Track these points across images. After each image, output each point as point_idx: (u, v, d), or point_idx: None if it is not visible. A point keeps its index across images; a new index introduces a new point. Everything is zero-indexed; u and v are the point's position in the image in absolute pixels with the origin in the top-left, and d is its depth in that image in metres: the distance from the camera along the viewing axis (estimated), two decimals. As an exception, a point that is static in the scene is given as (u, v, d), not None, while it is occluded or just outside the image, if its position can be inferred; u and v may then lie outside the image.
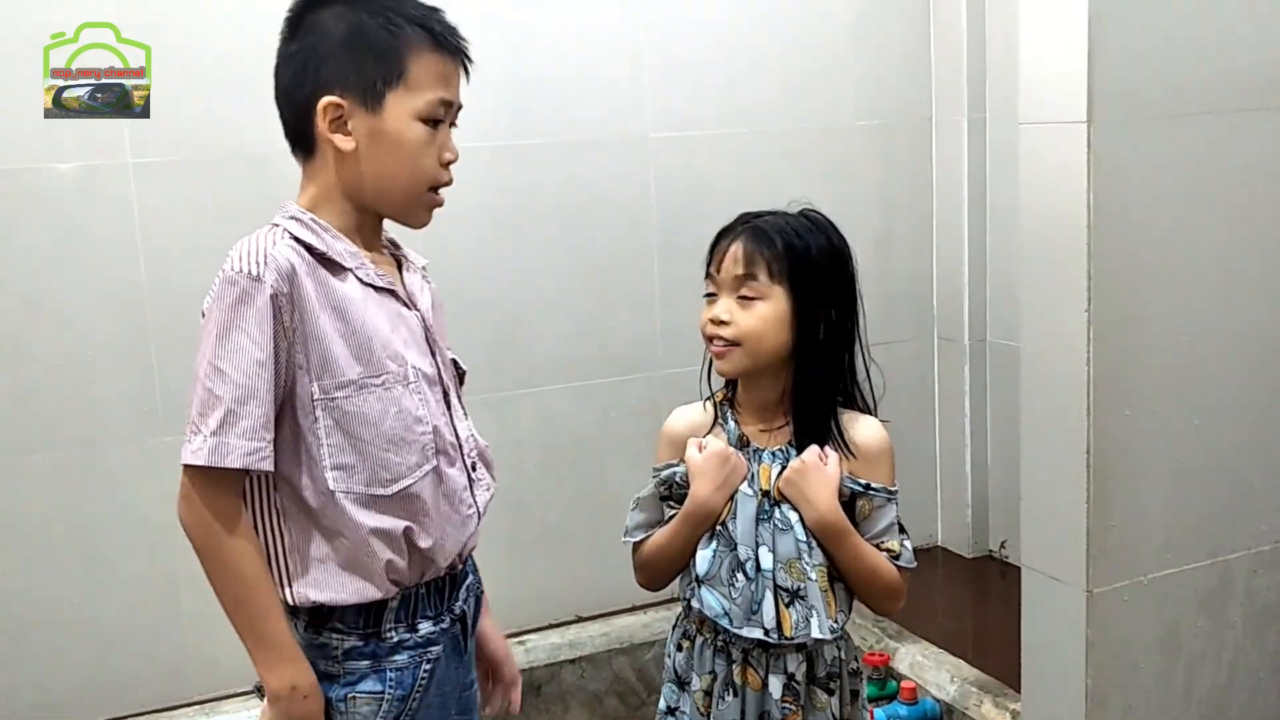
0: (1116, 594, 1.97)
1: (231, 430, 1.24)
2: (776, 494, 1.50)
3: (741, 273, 1.49)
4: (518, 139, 2.60)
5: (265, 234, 1.30)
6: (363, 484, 1.32)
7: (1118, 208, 1.87)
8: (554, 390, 2.71)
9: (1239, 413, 2.05)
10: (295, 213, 1.34)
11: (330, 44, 1.30)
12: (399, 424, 1.33)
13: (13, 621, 2.33)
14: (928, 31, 3.02)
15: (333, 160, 1.33)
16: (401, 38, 1.32)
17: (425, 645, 1.39)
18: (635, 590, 1.84)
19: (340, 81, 1.30)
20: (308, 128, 1.32)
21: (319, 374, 1.29)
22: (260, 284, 1.24)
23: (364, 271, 1.35)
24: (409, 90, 1.33)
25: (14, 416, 2.30)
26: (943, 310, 3.13)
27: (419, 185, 1.38)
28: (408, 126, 1.34)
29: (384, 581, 1.34)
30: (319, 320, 1.29)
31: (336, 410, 1.30)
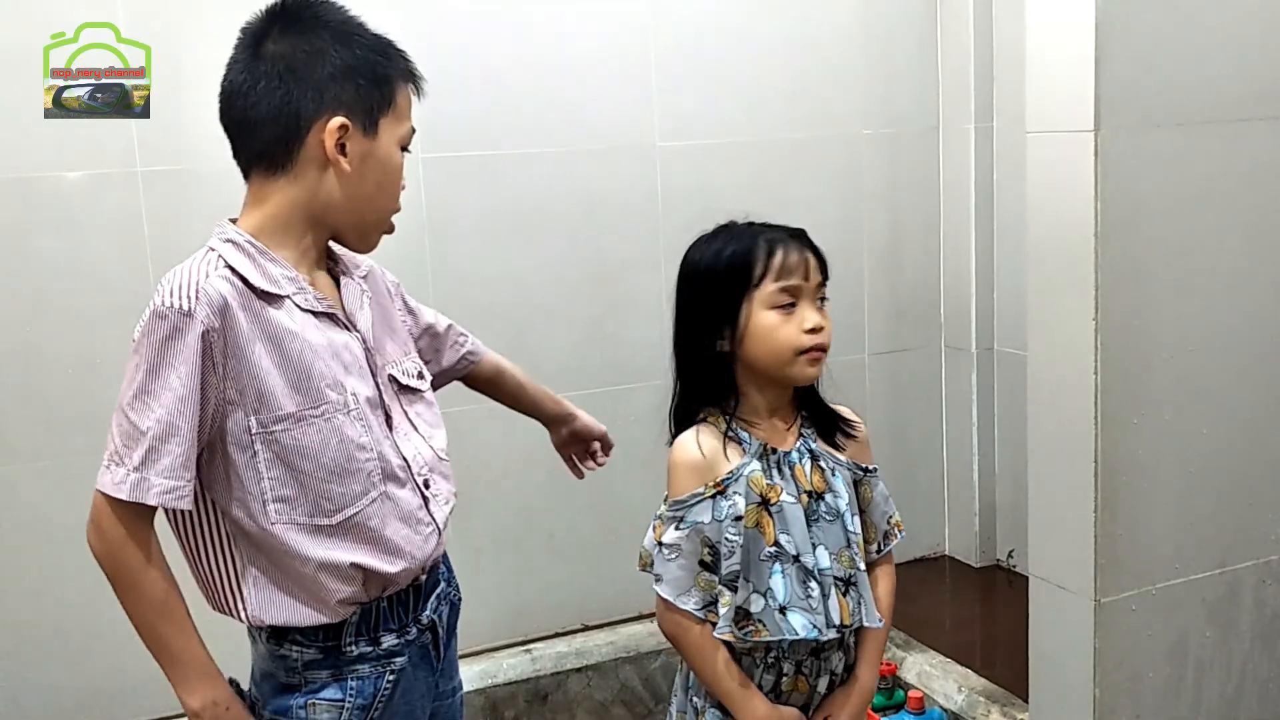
0: (1124, 603, 1.97)
1: (153, 467, 1.24)
2: (817, 487, 1.50)
3: (821, 278, 1.50)
4: (526, 147, 2.61)
5: (199, 264, 1.28)
6: (305, 515, 1.31)
7: (1125, 216, 1.87)
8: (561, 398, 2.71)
9: (1247, 421, 2.05)
10: (231, 235, 1.32)
11: (331, 65, 1.30)
12: (341, 454, 1.32)
13: (23, 626, 2.34)
14: (935, 40, 3.02)
15: (313, 180, 1.32)
16: (392, 68, 1.36)
17: (388, 657, 1.39)
18: (642, 599, 1.84)
19: (345, 104, 1.31)
20: (291, 143, 1.31)
21: (255, 408, 1.28)
22: (190, 319, 1.23)
23: (301, 297, 1.32)
24: (396, 118, 1.36)
25: (23, 423, 2.31)
26: (950, 319, 3.13)
27: (390, 210, 1.40)
28: (393, 153, 1.37)
29: (337, 608, 1.33)
30: (253, 353, 1.27)
31: (275, 444, 1.29)
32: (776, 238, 1.49)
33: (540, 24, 2.59)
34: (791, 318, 1.47)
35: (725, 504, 1.48)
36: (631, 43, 2.68)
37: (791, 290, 1.47)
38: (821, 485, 1.51)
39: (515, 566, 2.71)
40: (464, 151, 2.56)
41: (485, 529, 2.67)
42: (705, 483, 1.50)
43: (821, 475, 1.51)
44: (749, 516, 1.47)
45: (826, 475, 1.52)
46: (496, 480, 2.67)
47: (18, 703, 2.35)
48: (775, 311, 1.47)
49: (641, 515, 2.82)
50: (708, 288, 1.51)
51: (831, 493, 1.51)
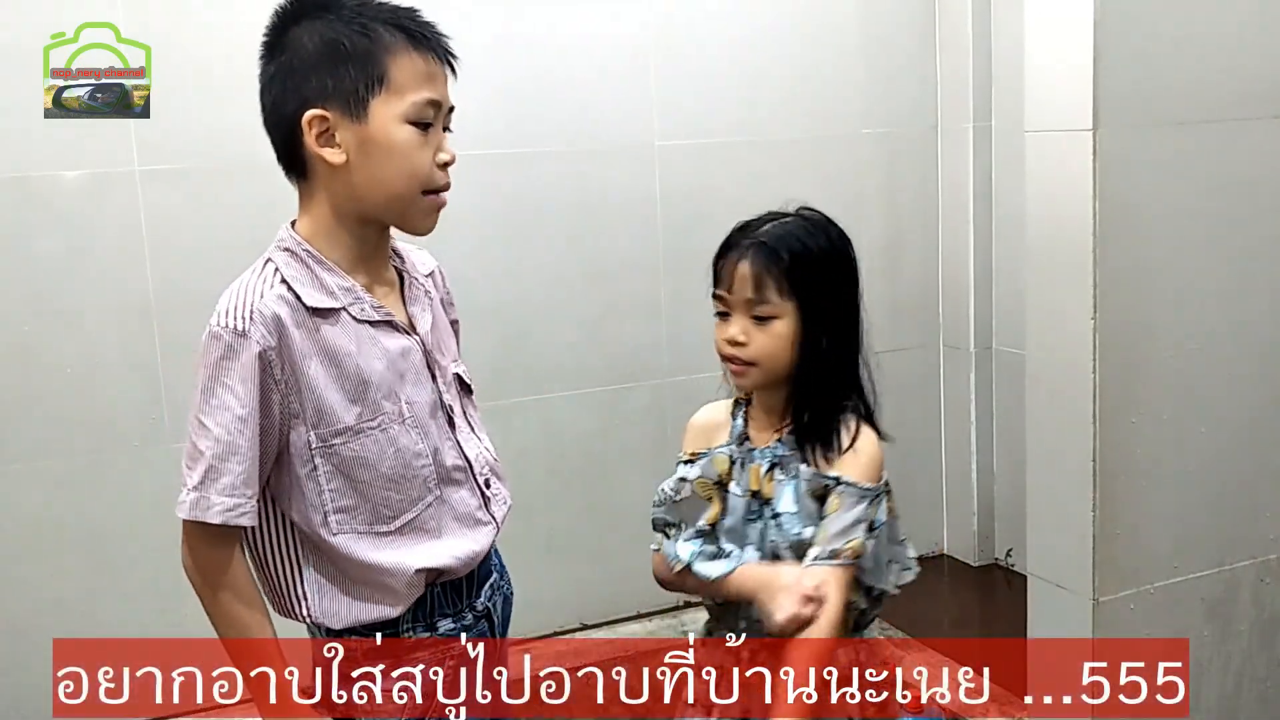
0: (1123, 603, 1.97)
1: (213, 486, 1.24)
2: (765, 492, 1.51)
3: (752, 295, 1.48)
4: (525, 146, 2.61)
5: (255, 281, 1.28)
6: (366, 524, 1.32)
7: (1123, 215, 1.87)
8: (559, 397, 2.72)
9: (1246, 420, 2.05)
10: (289, 243, 1.31)
11: (307, 58, 1.27)
12: (398, 462, 1.33)
13: (21, 625, 2.34)
14: (934, 40, 3.02)
15: (327, 177, 1.30)
16: (377, 41, 1.28)
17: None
18: (639, 598, 1.84)
19: (321, 94, 1.26)
20: (295, 147, 1.29)
21: (314, 423, 1.28)
22: (245, 339, 1.23)
23: (357, 307, 1.31)
24: (392, 94, 1.29)
25: (22, 423, 2.31)
26: (948, 318, 3.13)
27: (413, 189, 1.34)
28: (395, 130, 1.30)
29: (398, 604, 1.35)
30: (310, 369, 1.27)
31: (335, 456, 1.30)
32: (732, 242, 1.51)
33: (540, 24, 2.59)
34: (724, 325, 1.50)
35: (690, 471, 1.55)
36: (631, 43, 2.68)
37: (720, 299, 1.50)
38: (770, 491, 1.50)
39: (513, 566, 2.69)
40: (463, 151, 2.54)
41: (484, 528, 2.67)
42: (705, 445, 1.55)
43: (772, 481, 1.51)
44: (699, 488, 1.53)
45: (777, 484, 1.50)
46: (495, 480, 2.68)
47: (17, 703, 2.35)
48: (717, 317, 1.50)
49: (640, 515, 2.83)
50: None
51: (777, 499, 1.50)
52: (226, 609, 1.29)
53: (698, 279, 1.75)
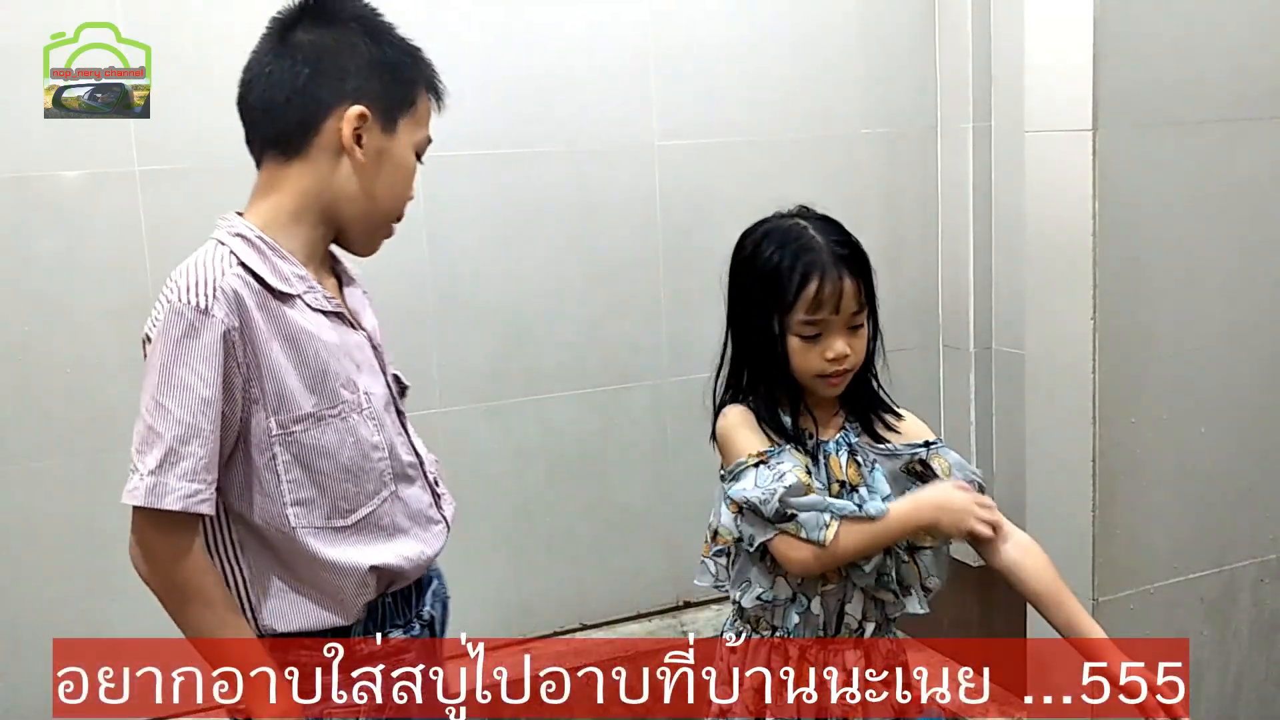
0: (1123, 603, 1.97)
1: (171, 471, 1.20)
2: (851, 480, 1.51)
3: (856, 308, 1.49)
4: (525, 146, 2.61)
5: (211, 259, 1.25)
6: (323, 517, 1.30)
7: (1123, 215, 1.87)
8: (559, 398, 2.71)
9: (1245, 421, 2.05)
10: (241, 229, 1.29)
11: (360, 56, 1.31)
12: (356, 453, 1.31)
13: (21, 625, 2.34)
14: (933, 39, 3.02)
15: (326, 169, 1.31)
16: (418, 70, 1.37)
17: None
18: (639, 598, 1.83)
19: (368, 96, 1.31)
20: (309, 128, 1.30)
21: (275, 408, 1.26)
22: (208, 318, 1.21)
23: (312, 296, 1.31)
24: (415, 121, 1.37)
25: (21, 423, 2.31)
26: (948, 318, 3.13)
27: (395, 212, 1.39)
28: (408, 155, 1.37)
29: (351, 609, 1.33)
30: (271, 353, 1.25)
31: (295, 444, 1.27)
32: (814, 263, 1.47)
33: (539, 24, 2.59)
34: (815, 345, 1.48)
35: (768, 473, 1.47)
36: (630, 43, 2.68)
37: (817, 323, 1.47)
38: (856, 478, 1.52)
39: (513, 566, 2.71)
40: (463, 151, 2.56)
41: (484, 529, 2.66)
42: (749, 451, 1.50)
43: (857, 469, 1.52)
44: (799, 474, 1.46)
45: (863, 470, 1.52)
46: (495, 480, 2.68)
47: (17, 703, 2.35)
48: (799, 339, 1.48)
49: (639, 514, 2.84)
50: (750, 292, 1.52)
51: (866, 487, 1.51)
52: (188, 606, 1.24)
53: (698, 279, 1.76)
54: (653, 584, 2.83)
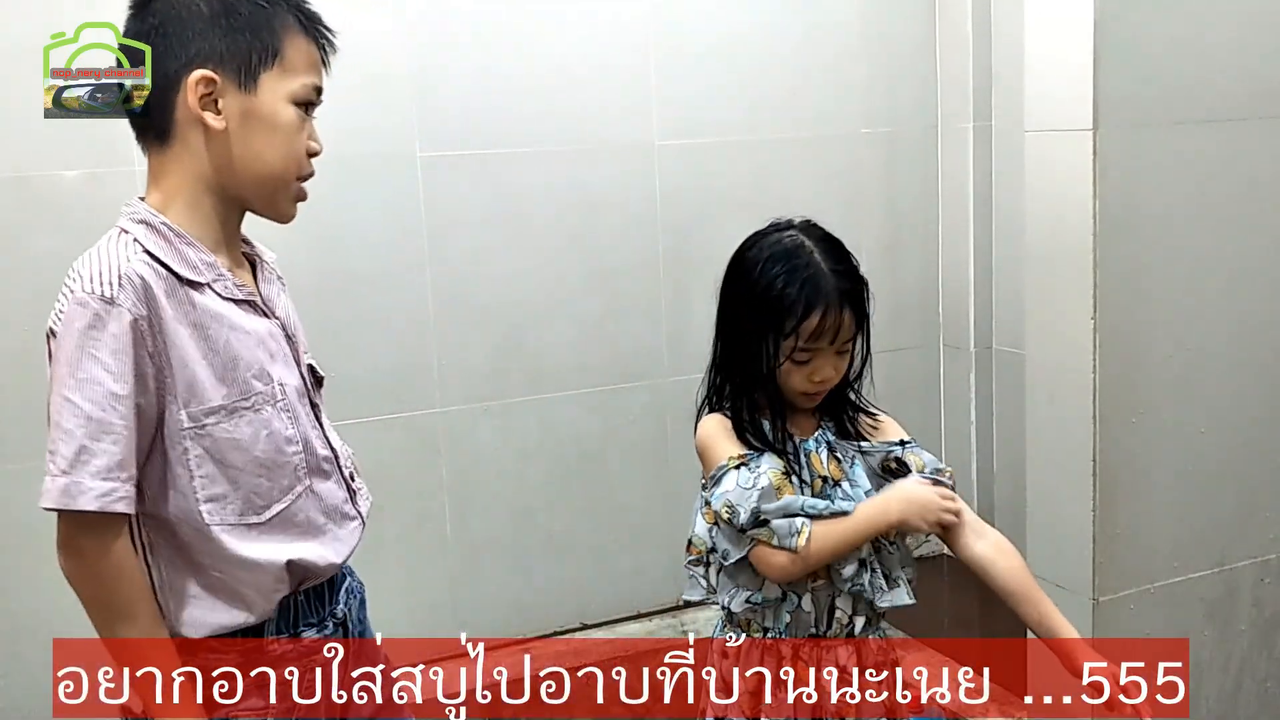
0: (1123, 602, 1.97)
1: (84, 469, 1.14)
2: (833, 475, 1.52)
3: (849, 337, 1.52)
4: (525, 146, 2.61)
5: (114, 247, 1.19)
6: (236, 514, 1.23)
7: (1123, 215, 1.87)
8: (559, 397, 2.71)
9: (1246, 420, 2.05)
10: (144, 215, 1.22)
11: (198, 17, 1.22)
12: (270, 446, 1.25)
13: (21, 625, 2.34)
14: (934, 39, 3.02)
15: (197, 144, 1.23)
16: (275, 16, 1.24)
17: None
18: (639, 598, 1.83)
19: (212, 56, 1.21)
20: (167, 107, 1.22)
21: (186, 401, 1.20)
22: (115, 307, 1.14)
23: (221, 284, 1.24)
24: (284, 71, 1.25)
25: (21, 422, 2.31)
26: (948, 317, 3.13)
27: (289, 171, 1.28)
28: (282, 108, 1.25)
29: (263, 607, 1.27)
30: (180, 342, 1.19)
31: (207, 438, 1.21)
32: (819, 295, 1.47)
33: (540, 23, 2.59)
34: (804, 367, 1.50)
35: (749, 475, 1.49)
36: (631, 42, 2.68)
37: (812, 350, 1.49)
38: (838, 474, 1.54)
39: (514, 566, 2.71)
40: (463, 151, 2.56)
41: (484, 528, 2.66)
42: (730, 454, 1.53)
43: (838, 464, 1.54)
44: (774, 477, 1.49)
45: (843, 465, 1.54)
46: (494, 480, 2.68)
47: (17, 703, 2.35)
48: (792, 362, 1.49)
49: (639, 514, 2.84)
50: (749, 306, 1.53)
51: (848, 481, 1.53)
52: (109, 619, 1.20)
53: (698, 279, 1.76)
54: (653, 584, 2.83)
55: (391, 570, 2.49)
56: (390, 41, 2.47)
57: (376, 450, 2.40)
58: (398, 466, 2.57)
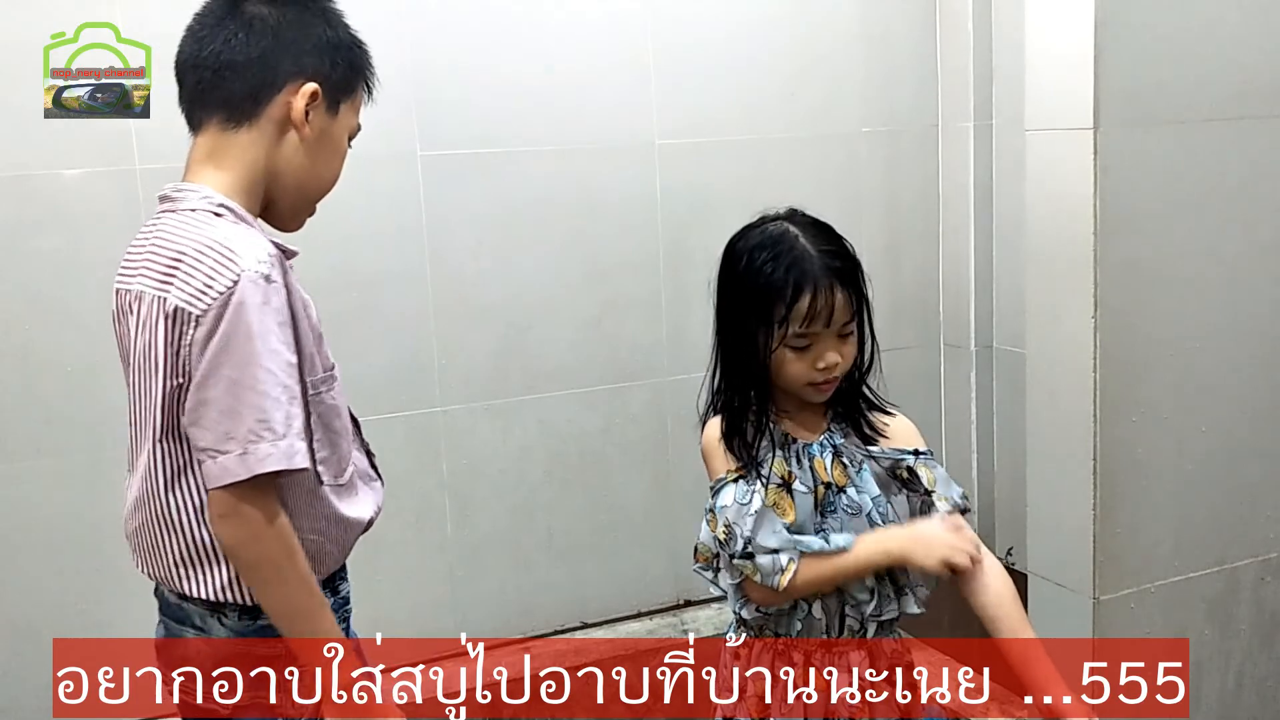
0: (1123, 601, 1.97)
1: (293, 431, 1.22)
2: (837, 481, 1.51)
3: (847, 319, 1.49)
4: (524, 145, 2.61)
5: (235, 229, 1.27)
6: (333, 475, 1.35)
7: (1124, 214, 1.87)
8: (559, 396, 2.71)
9: (1246, 419, 2.05)
10: (222, 199, 1.30)
11: (318, 35, 1.34)
12: (345, 415, 1.39)
13: (21, 625, 2.34)
14: (934, 38, 3.02)
15: (271, 140, 1.33)
16: (363, 61, 1.40)
17: (345, 603, 1.43)
18: (639, 597, 1.82)
19: (321, 74, 1.34)
20: (262, 98, 1.32)
21: (309, 369, 1.31)
22: (273, 284, 1.24)
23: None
24: (353, 108, 1.40)
25: (23, 421, 2.31)
26: (949, 316, 3.13)
27: (324, 192, 1.42)
28: (344, 138, 1.40)
29: (341, 556, 1.39)
30: (299, 316, 1.30)
31: (320, 404, 1.33)
32: (806, 278, 1.46)
33: (539, 22, 2.59)
34: (806, 354, 1.48)
35: (746, 489, 1.48)
36: (630, 41, 2.67)
37: (809, 335, 1.47)
38: (843, 479, 1.52)
39: (514, 565, 2.71)
40: (462, 150, 2.56)
41: (484, 527, 2.66)
42: (728, 467, 1.52)
43: (843, 470, 1.52)
44: (769, 495, 1.49)
45: (849, 470, 1.52)
46: (495, 478, 2.67)
47: (17, 702, 2.35)
48: (790, 350, 1.48)
49: (639, 514, 2.83)
50: (739, 299, 1.52)
51: (854, 487, 1.51)
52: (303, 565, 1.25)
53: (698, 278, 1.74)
54: (653, 583, 2.83)
55: (391, 570, 2.49)
56: (390, 41, 2.46)
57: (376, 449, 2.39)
58: (397, 465, 2.56)
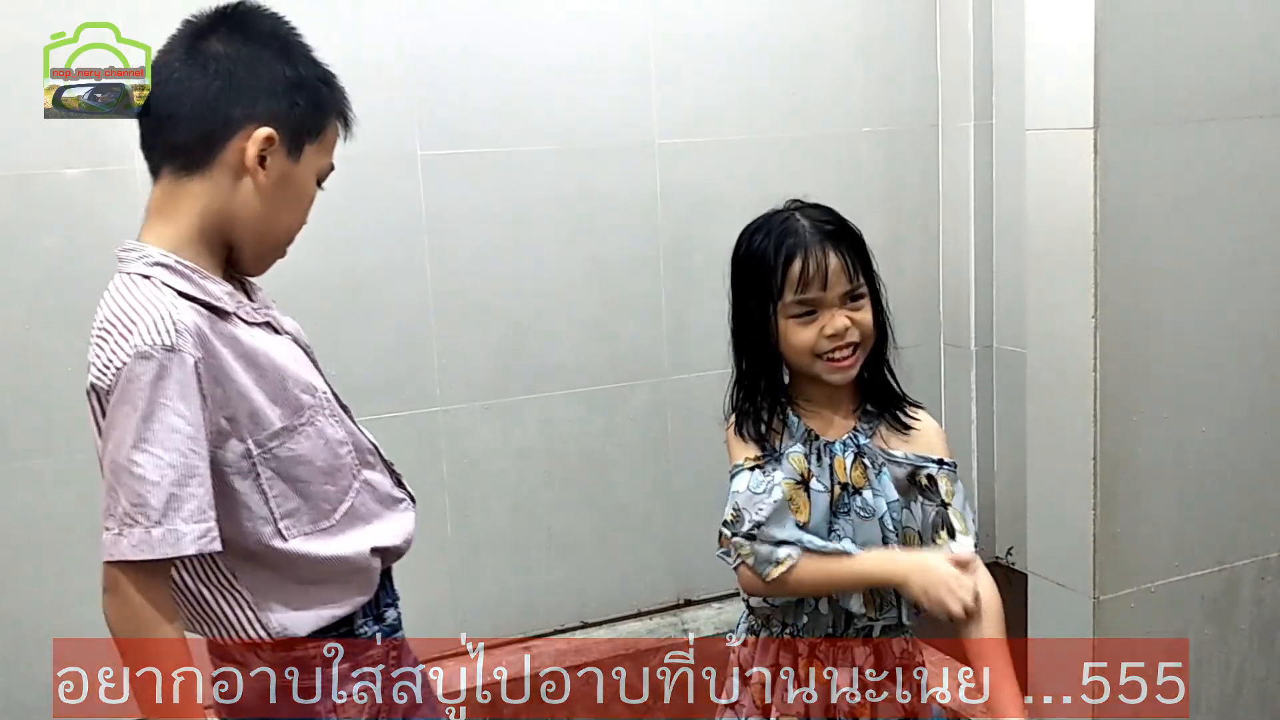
0: (1123, 601, 1.97)
1: (178, 515, 1.17)
2: (855, 483, 1.50)
3: (848, 284, 1.48)
4: (524, 145, 2.61)
5: (150, 293, 1.22)
6: (310, 522, 1.30)
7: (1124, 214, 1.87)
8: (560, 396, 2.71)
9: (1246, 419, 2.05)
10: (158, 258, 1.25)
11: (274, 76, 1.28)
12: (329, 454, 1.32)
13: (21, 626, 2.34)
14: (935, 38, 3.02)
15: (226, 187, 1.27)
16: (332, 99, 1.33)
17: (392, 633, 1.41)
18: (640, 596, 1.81)
19: (278, 117, 1.28)
20: (214, 145, 1.27)
21: (250, 430, 1.25)
22: (177, 354, 1.18)
23: (244, 310, 1.30)
24: (321, 149, 1.33)
25: (23, 422, 2.31)
26: (949, 316, 3.13)
27: (289, 237, 1.36)
28: (309, 182, 1.34)
29: (357, 596, 1.35)
30: (236, 376, 1.24)
31: (274, 460, 1.27)
32: (797, 244, 1.47)
33: (539, 21, 2.59)
34: (811, 323, 1.47)
35: (762, 479, 1.48)
36: (631, 40, 2.67)
37: (808, 301, 1.47)
38: (861, 481, 1.51)
39: (514, 564, 2.71)
40: (462, 150, 2.56)
41: (484, 527, 2.66)
42: (745, 455, 1.51)
43: (863, 471, 1.51)
44: (788, 488, 1.48)
45: (869, 472, 1.51)
46: (494, 478, 2.67)
47: (17, 702, 2.35)
48: (794, 320, 1.48)
49: (640, 513, 2.83)
50: (744, 285, 1.53)
51: (871, 490, 1.51)
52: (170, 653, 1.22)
53: (698, 277, 1.75)
54: (653, 582, 2.83)
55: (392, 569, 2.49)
56: (390, 41, 2.46)
57: (377, 449, 2.40)
58: (398, 465, 2.56)
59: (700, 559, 2.82)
